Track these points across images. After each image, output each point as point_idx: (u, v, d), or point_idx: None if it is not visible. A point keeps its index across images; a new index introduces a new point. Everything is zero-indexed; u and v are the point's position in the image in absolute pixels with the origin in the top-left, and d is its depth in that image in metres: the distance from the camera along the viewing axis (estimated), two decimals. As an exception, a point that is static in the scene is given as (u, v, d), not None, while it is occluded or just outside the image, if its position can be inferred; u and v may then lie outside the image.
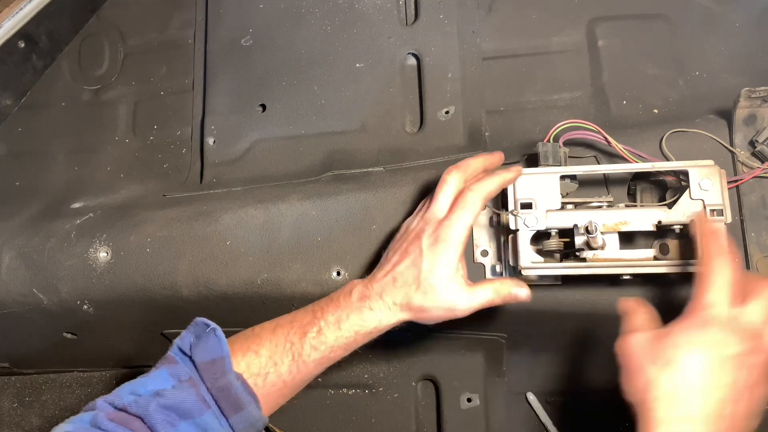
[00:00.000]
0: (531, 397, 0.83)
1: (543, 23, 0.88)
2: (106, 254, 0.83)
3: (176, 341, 0.63)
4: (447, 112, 0.86)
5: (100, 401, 0.58)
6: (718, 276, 0.54)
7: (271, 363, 0.62)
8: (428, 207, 0.66)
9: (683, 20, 0.85)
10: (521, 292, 0.64)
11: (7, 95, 1.01)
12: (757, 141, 0.70)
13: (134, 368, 0.99)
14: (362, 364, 0.85)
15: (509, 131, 0.85)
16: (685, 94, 0.82)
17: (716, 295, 0.54)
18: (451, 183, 0.65)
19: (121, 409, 0.57)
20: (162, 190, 0.90)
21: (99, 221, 0.86)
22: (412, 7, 0.92)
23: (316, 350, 0.62)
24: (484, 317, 0.77)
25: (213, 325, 0.62)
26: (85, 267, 0.83)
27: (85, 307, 0.84)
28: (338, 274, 0.77)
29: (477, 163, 0.67)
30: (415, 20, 0.91)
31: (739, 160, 0.71)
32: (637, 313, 0.59)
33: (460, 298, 0.62)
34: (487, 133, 0.85)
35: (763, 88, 0.68)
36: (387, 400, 0.84)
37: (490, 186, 0.65)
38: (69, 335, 0.90)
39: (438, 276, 0.61)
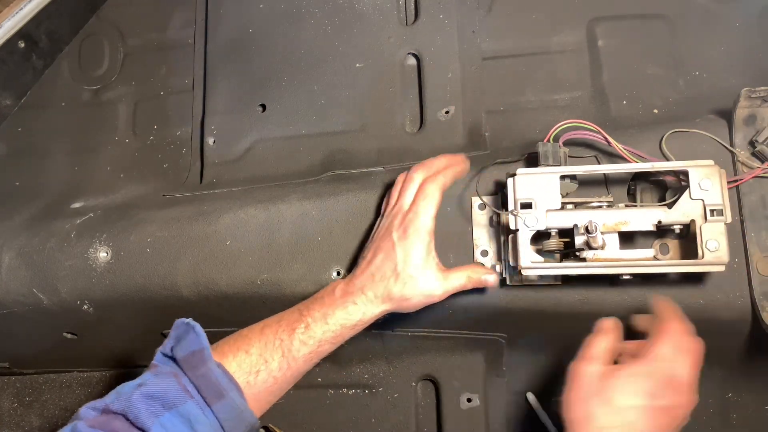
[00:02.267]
0: (531, 397, 0.83)
1: (543, 23, 0.88)
2: (106, 254, 0.83)
3: (159, 349, 0.64)
4: (447, 112, 0.86)
5: (83, 408, 0.58)
6: (671, 334, 0.61)
7: (261, 360, 0.64)
8: (394, 203, 0.70)
9: (683, 20, 0.85)
10: (490, 278, 0.69)
11: (7, 95, 1.01)
12: (757, 141, 0.70)
13: (134, 368, 0.99)
14: (362, 364, 0.85)
15: (509, 131, 0.85)
16: (685, 94, 0.82)
17: (665, 350, 0.60)
18: (416, 180, 0.70)
19: (103, 410, 0.57)
20: (162, 190, 0.90)
21: (99, 221, 0.86)
22: (412, 7, 0.92)
23: (305, 345, 0.65)
24: (484, 317, 0.77)
25: (191, 322, 0.64)
26: (85, 267, 0.83)
27: (85, 307, 0.84)
28: (338, 274, 0.77)
29: (440, 162, 0.71)
30: (415, 20, 0.91)
31: (738, 160, 0.71)
32: (601, 340, 0.63)
33: (436, 285, 0.66)
34: (487, 133, 0.85)
35: (763, 88, 0.68)
36: (387, 400, 0.84)
37: (445, 177, 0.69)
38: (69, 335, 0.90)
39: (412, 266, 0.65)
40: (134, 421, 0.55)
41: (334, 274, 0.77)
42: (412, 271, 0.65)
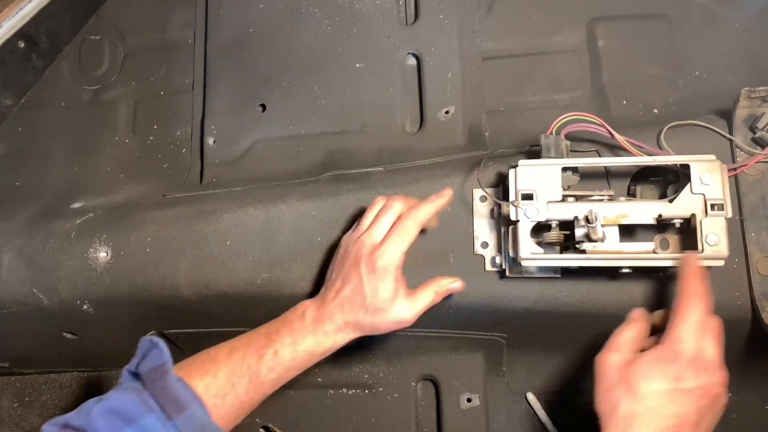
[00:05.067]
0: (531, 397, 0.83)
1: (543, 23, 0.88)
2: (106, 254, 0.83)
3: (126, 367, 0.64)
4: (447, 112, 0.86)
5: (46, 425, 0.58)
6: (690, 314, 0.60)
7: (228, 384, 0.64)
8: (366, 229, 0.69)
9: (683, 20, 0.85)
10: (456, 285, 0.71)
11: (7, 95, 1.01)
12: (756, 127, 0.70)
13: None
14: (362, 364, 0.85)
15: (509, 131, 0.85)
16: (685, 94, 0.82)
17: (686, 332, 0.59)
18: (394, 209, 0.70)
19: (63, 425, 0.57)
20: (162, 190, 0.90)
21: (99, 221, 0.86)
22: (412, 7, 0.92)
23: (273, 371, 0.65)
24: (485, 317, 0.77)
25: (155, 339, 0.64)
26: (85, 267, 0.83)
27: (85, 307, 0.84)
28: (338, 274, 0.77)
29: (422, 206, 0.70)
30: (415, 20, 0.91)
31: (736, 146, 0.71)
32: (627, 330, 0.63)
33: (405, 311, 0.67)
34: (487, 133, 0.85)
35: (763, 88, 0.68)
36: (387, 400, 0.84)
37: (425, 212, 0.69)
38: (69, 335, 0.90)
39: (381, 300, 0.66)
40: None
41: (334, 274, 0.77)
42: (380, 305, 0.66)
